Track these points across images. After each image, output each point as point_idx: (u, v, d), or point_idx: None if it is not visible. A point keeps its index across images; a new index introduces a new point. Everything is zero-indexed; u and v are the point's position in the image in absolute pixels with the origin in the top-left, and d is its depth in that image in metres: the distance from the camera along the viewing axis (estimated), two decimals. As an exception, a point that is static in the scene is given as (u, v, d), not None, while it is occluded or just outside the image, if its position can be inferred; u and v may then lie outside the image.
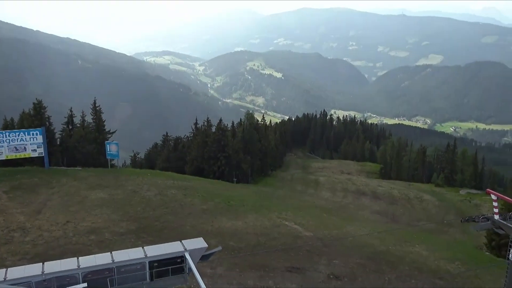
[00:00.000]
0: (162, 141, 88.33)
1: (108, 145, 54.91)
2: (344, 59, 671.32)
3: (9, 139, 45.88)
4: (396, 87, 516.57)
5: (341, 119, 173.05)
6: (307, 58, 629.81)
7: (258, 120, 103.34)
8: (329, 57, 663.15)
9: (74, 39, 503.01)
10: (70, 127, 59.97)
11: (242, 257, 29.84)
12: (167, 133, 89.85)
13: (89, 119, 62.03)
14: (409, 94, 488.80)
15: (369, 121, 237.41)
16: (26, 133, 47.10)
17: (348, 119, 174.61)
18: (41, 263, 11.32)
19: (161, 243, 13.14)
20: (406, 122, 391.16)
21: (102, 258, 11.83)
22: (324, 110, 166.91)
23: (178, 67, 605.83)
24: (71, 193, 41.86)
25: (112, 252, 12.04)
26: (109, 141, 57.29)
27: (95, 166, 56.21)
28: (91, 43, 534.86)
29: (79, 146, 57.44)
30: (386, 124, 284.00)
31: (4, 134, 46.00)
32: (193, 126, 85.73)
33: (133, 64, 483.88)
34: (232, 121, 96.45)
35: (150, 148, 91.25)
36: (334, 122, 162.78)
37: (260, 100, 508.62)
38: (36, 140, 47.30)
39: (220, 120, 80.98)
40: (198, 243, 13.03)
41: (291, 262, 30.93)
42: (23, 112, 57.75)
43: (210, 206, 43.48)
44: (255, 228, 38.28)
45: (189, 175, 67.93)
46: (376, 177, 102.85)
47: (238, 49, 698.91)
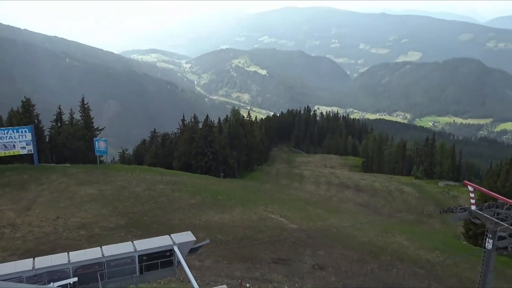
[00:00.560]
0: (150, 138, 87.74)
1: (96, 142, 54.40)
2: (327, 56, 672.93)
3: (-2, 137, 45.24)
4: (377, 83, 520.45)
5: (325, 114, 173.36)
6: (291, 56, 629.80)
7: (244, 116, 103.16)
8: (312, 55, 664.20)
9: (61, 37, 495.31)
10: (59, 124, 59.22)
11: (230, 249, 29.90)
12: (155, 129, 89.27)
13: (77, 116, 61.34)
14: (389, 90, 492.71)
15: (351, 117, 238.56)
16: (15, 130, 46.41)
17: (331, 114, 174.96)
18: (32, 259, 11.21)
19: (150, 237, 13.10)
20: (387, 117, 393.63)
21: (92, 253, 11.75)
22: (308, 106, 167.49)
23: (165, 65, 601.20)
24: (60, 189, 41.43)
25: (102, 246, 11.97)
26: (98, 138, 56.77)
27: (84, 163, 55.69)
28: (78, 41, 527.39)
29: (68, 143, 56.81)
30: (368, 119, 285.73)
31: (-7, 132, 45.32)
32: (181, 123, 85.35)
33: (120, 62, 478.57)
34: (219, 117, 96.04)
35: (138, 144, 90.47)
36: (318, 117, 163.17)
37: (246, 96, 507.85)
38: (25, 137, 46.66)
39: (207, 116, 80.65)
40: (187, 236, 13.02)
41: (277, 253, 31.07)
42: (11, 110, 56.80)
43: (198, 201, 43.42)
44: (242, 222, 38.35)
45: (177, 171, 67.64)
46: (358, 170, 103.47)
47: (224, 47, 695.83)
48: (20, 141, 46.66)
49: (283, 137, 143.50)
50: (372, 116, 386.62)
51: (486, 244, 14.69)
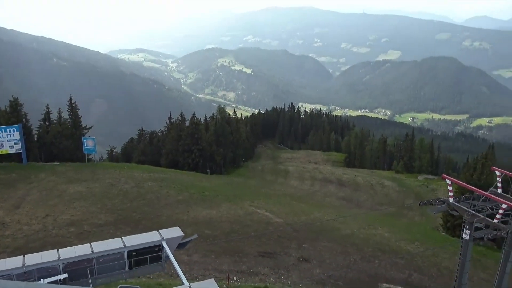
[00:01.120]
0: (138, 136, 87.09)
1: (85, 140, 53.92)
2: (310, 55, 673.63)
3: (-14, 136, 44.52)
4: (358, 81, 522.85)
5: (308, 112, 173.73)
6: (275, 55, 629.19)
7: (229, 114, 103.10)
8: (295, 54, 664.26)
9: (48, 37, 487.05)
10: (47, 123, 58.55)
11: (217, 244, 29.89)
12: (142, 127, 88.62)
13: (65, 115, 60.72)
14: (370, 87, 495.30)
15: (334, 114, 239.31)
16: (3, 130, 45.77)
17: (315, 111, 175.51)
18: (22, 256, 11.07)
19: (139, 233, 13.02)
20: (368, 114, 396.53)
21: (82, 249, 11.65)
22: (292, 104, 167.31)
23: (151, 64, 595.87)
24: (49, 187, 40.95)
25: (92, 243, 11.87)
26: (86, 137, 56.31)
27: (72, 161, 55.14)
28: (65, 41, 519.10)
29: (56, 141, 56.15)
30: (350, 116, 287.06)
31: (-19, 132, 44.58)
32: (168, 121, 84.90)
33: (107, 62, 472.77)
34: (205, 115, 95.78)
35: (126, 142, 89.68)
36: (302, 114, 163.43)
37: (231, 95, 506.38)
38: (13, 136, 46.05)
39: (194, 114, 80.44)
40: (175, 232, 12.98)
41: (263, 247, 31.14)
42: (-1, 110, 55.92)
43: (186, 197, 43.29)
44: (228, 217, 38.33)
45: (165, 168, 67.36)
46: (341, 165, 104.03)
47: (210, 46, 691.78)
48: (8, 140, 46.03)
49: (268, 134, 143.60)
50: (354, 113, 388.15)
51: (464, 235, 14.90)
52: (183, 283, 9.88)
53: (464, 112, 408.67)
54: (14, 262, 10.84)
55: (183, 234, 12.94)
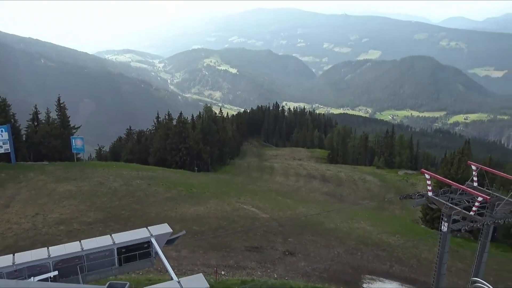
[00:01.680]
0: (126, 135, 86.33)
1: (73, 140, 53.28)
2: (293, 55, 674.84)
3: (-26, 137, 43.71)
4: (340, 80, 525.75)
5: (292, 110, 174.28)
6: (260, 55, 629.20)
7: (216, 113, 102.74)
8: (279, 54, 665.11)
9: (36, 39, 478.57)
10: (36, 123, 57.72)
11: (205, 239, 29.81)
12: (130, 127, 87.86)
13: (54, 115, 59.94)
14: (352, 86, 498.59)
15: (317, 112, 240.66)
16: (-9, 130, 44.96)
17: (298, 110, 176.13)
18: (12, 255, 10.90)
19: (128, 231, 12.92)
20: (350, 112, 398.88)
21: (72, 247, 11.51)
22: (276, 102, 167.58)
23: (139, 65, 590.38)
24: (38, 186, 40.39)
25: (81, 240, 11.75)
26: (75, 136, 55.67)
27: (61, 160, 54.47)
28: (52, 42, 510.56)
29: (45, 141, 55.40)
30: (332, 114, 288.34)
31: (-31, 132, 43.74)
32: (155, 120, 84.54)
33: (95, 62, 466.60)
34: (192, 114, 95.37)
35: (114, 141, 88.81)
36: (286, 113, 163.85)
37: (217, 94, 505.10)
38: (2, 137, 45.27)
39: (181, 113, 80.00)
40: (163, 228, 12.88)
41: (250, 242, 31.16)
42: (-13, 110, 54.87)
43: (174, 194, 43.08)
44: (216, 213, 38.26)
45: (153, 166, 66.88)
46: (324, 162, 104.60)
47: (196, 47, 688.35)
48: (-3, 140, 45.24)
49: (254, 132, 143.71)
50: (336, 111, 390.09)
51: (442, 227, 15.08)
52: (172, 279, 9.82)
53: (441, 109, 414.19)
54: (4, 261, 10.66)
55: (172, 231, 12.87)
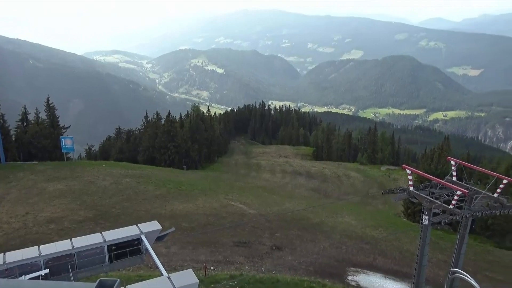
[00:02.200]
0: (115, 134, 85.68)
1: (63, 140, 52.61)
2: (279, 55, 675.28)
3: (-37, 137, 42.89)
4: (324, 79, 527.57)
5: (278, 108, 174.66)
6: (246, 55, 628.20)
7: (203, 112, 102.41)
8: (265, 54, 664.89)
9: (24, 40, 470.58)
10: (25, 123, 56.90)
11: (194, 236, 29.74)
12: (119, 126, 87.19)
13: (43, 115, 59.13)
14: (335, 85, 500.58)
15: (302, 110, 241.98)
16: (-20, 131, 44.15)
17: (284, 108, 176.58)
18: (2, 254, 10.74)
19: (118, 228, 12.82)
20: (334, 110, 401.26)
21: (63, 245, 11.38)
22: (262, 101, 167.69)
23: (127, 65, 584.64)
24: (29, 186, 39.81)
25: (72, 238, 11.62)
26: (64, 136, 54.95)
27: (51, 160, 53.74)
28: (41, 43, 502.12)
29: (34, 141, 54.64)
30: (317, 112, 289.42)
31: (-43, 133, 42.89)
32: (144, 119, 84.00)
33: (83, 63, 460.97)
34: (180, 114, 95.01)
35: (104, 141, 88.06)
36: (272, 111, 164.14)
37: (205, 93, 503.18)
38: (-9, 137, 44.51)
39: (169, 113, 79.65)
40: (153, 225, 12.82)
41: (238, 237, 31.18)
42: (-24, 111, 53.85)
43: (163, 192, 42.87)
44: (204, 209, 38.18)
45: (142, 164, 66.47)
46: (309, 159, 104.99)
47: (183, 47, 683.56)
48: (-14, 141, 44.46)
49: (241, 130, 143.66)
50: (320, 109, 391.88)
51: (423, 220, 15.26)
52: (162, 274, 9.78)
53: (421, 107, 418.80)
54: (-6, 260, 10.51)
55: (161, 228, 12.81)
